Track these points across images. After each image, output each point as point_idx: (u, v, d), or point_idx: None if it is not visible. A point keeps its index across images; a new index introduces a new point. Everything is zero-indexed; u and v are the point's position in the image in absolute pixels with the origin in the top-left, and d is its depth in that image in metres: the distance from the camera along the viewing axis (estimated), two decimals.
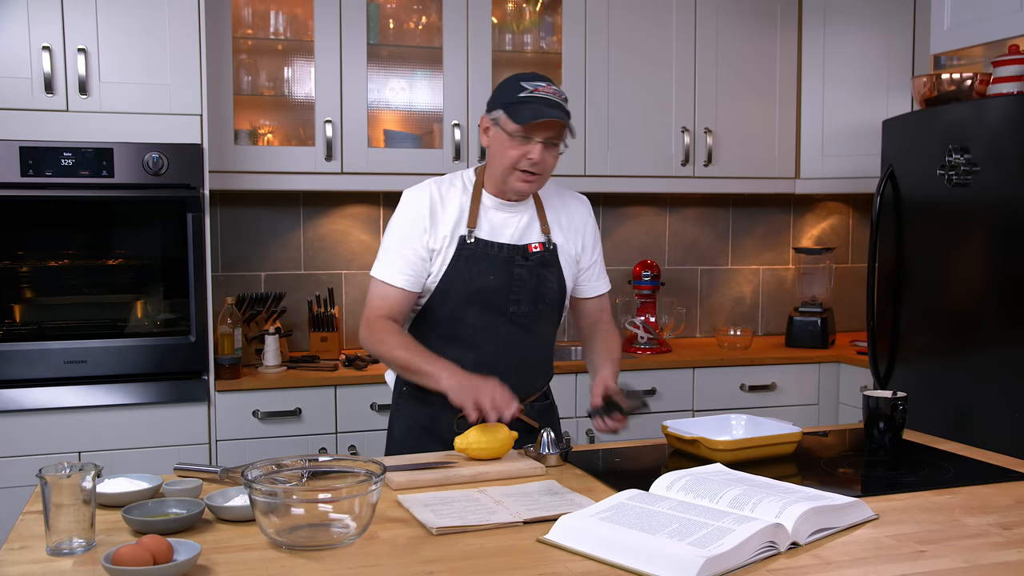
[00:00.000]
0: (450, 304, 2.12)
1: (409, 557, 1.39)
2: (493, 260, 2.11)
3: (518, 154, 2.04)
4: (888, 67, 3.76)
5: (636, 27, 3.66)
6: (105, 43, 2.90)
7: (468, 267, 2.10)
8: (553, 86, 2.06)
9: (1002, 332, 2.73)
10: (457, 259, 2.10)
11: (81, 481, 1.39)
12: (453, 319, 2.13)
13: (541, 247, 2.16)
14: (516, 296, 2.13)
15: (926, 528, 1.53)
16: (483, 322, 2.12)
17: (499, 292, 2.11)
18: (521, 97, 2.03)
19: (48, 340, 2.90)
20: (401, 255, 2.10)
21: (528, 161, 2.04)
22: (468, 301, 2.11)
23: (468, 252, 2.10)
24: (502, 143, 2.06)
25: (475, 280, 2.10)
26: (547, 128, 2.02)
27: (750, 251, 4.27)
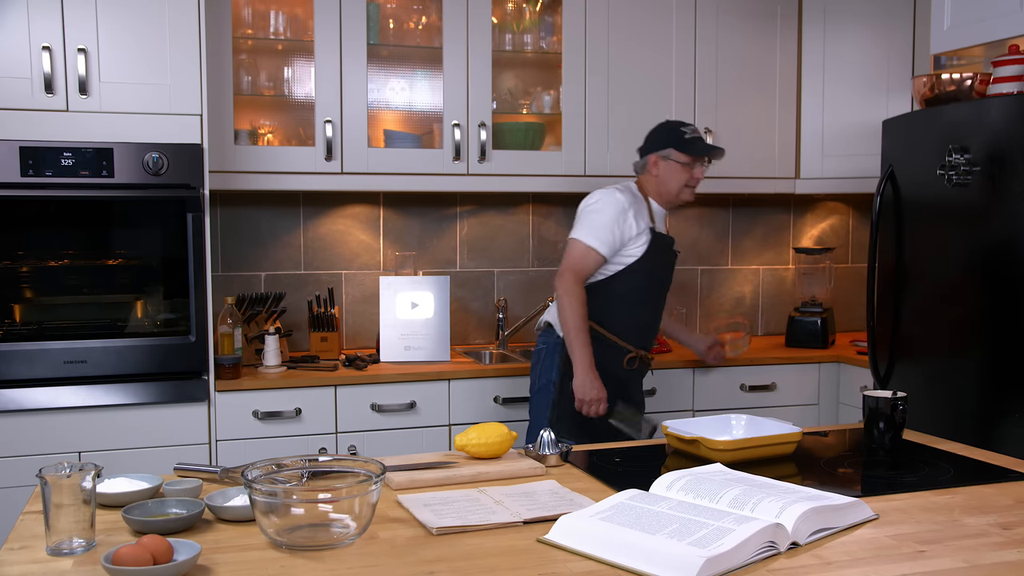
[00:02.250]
0: (640, 275, 2.93)
1: (409, 557, 1.39)
2: (665, 247, 3.01)
3: (688, 176, 2.96)
4: (888, 67, 3.76)
5: (636, 27, 3.66)
6: (105, 43, 2.90)
7: (657, 253, 2.96)
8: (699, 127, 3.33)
9: (1002, 332, 2.73)
10: (651, 246, 2.93)
11: (81, 481, 1.39)
12: (637, 286, 2.94)
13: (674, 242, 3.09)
14: (669, 274, 3.09)
15: (926, 528, 1.53)
16: (656, 290, 3.03)
17: (667, 270, 3.06)
18: (688, 138, 2.95)
19: (48, 340, 2.90)
20: (612, 232, 2.88)
21: (695, 180, 2.97)
22: (651, 275, 2.97)
23: (658, 239, 2.96)
24: (675, 171, 2.96)
25: (659, 262, 2.98)
26: (709, 157, 2.99)
27: (750, 251, 4.27)
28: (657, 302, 3.06)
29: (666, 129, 3.01)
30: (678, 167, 2.94)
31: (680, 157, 2.93)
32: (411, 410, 3.23)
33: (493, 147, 3.53)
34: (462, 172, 3.50)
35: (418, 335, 3.45)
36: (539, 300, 3.92)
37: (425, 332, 3.45)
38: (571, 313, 2.84)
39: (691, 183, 2.97)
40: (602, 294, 2.93)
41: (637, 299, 2.96)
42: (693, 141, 2.95)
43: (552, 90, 3.74)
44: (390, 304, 3.46)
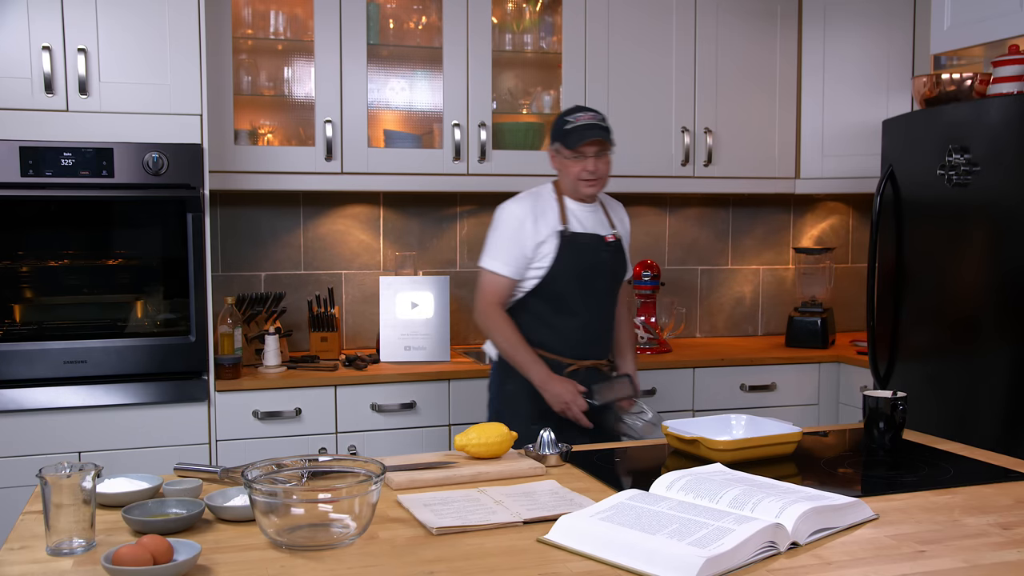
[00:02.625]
0: (559, 283, 2.72)
1: (409, 557, 1.39)
2: (585, 247, 2.75)
3: (579, 168, 2.70)
4: (888, 67, 3.76)
5: (636, 27, 3.66)
6: (105, 43, 2.90)
7: (570, 254, 2.72)
8: (591, 112, 2.73)
9: (1002, 332, 2.73)
10: (561, 248, 2.71)
11: (81, 481, 1.39)
12: (562, 295, 2.73)
13: (614, 237, 2.82)
14: (600, 273, 2.78)
15: (926, 528, 1.53)
16: (584, 294, 2.75)
17: (593, 272, 2.77)
18: (567, 129, 2.70)
19: (48, 340, 2.90)
20: (510, 252, 2.72)
21: (586, 172, 2.70)
22: (570, 281, 2.73)
23: (567, 242, 2.72)
24: (565, 164, 2.73)
25: (577, 263, 2.73)
26: (593, 145, 2.68)
27: (750, 251, 4.27)
28: (594, 306, 2.79)
29: (555, 120, 2.79)
30: (567, 161, 2.73)
31: (564, 150, 2.73)
32: (411, 410, 3.23)
33: (493, 147, 3.53)
34: (462, 172, 3.50)
35: (418, 335, 3.45)
36: None
37: (425, 332, 3.45)
38: (500, 338, 2.73)
39: (584, 176, 2.72)
40: (526, 311, 2.77)
41: (563, 308, 2.75)
42: (570, 132, 2.70)
43: (552, 90, 3.74)
44: (390, 304, 3.46)
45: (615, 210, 2.92)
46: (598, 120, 2.72)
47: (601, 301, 2.81)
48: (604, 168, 2.74)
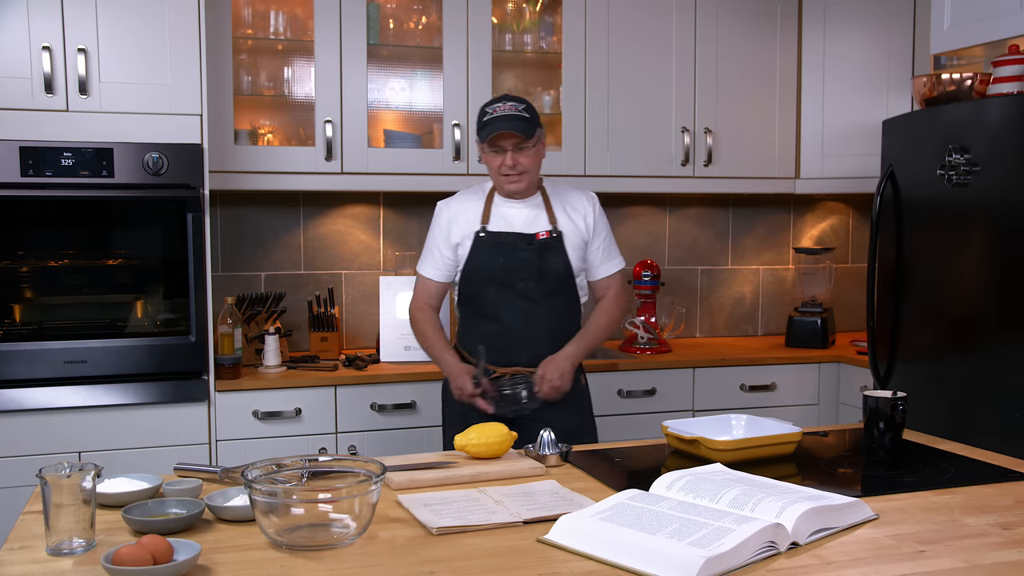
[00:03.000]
0: (474, 286, 2.64)
1: (409, 557, 1.39)
2: (501, 247, 2.60)
3: (497, 163, 2.56)
4: (888, 67, 3.76)
5: (636, 27, 3.66)
6: (105, 43, 2.90)
7: (483, 255, 2.61)
8: (511, 102, 2.56)
9: (1002, 332, 2.73)
10: (475, 250, 2.62)
11: (81, 481, 1.39)
12: (478, 298, 2.64)
13: (547, 234, 2.62)
14: (523, 275, 2.60)
15: (926, 528, 1.53)
16: (500, 298, 2.61)
17: (509, 273, 2.60)
18: (484, 121, 2.55)
19: (48, 340, 2.90)
20: (432, 254, 2.69)
21: (505, 167, 2.55)
22: (487, 282, 2.62)
23: (483, 243, 2.61)
24: (486, 159, 2.60)
25: (489, 264, 2.60)
26: (509, 137, 2.52)
27: (750, 251, 4.27)
28: (516, 309, 2.61)
29: (479, 112, 2.61)
30: (487, 156, 2.59)
31: (481, 144, 2.60)
32: (411, 410, 3.23)
33: None
34: (462, 172, 3.50)
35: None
36: None
37: None
38: (417, 335, 2.72)
39: (504, 171, 2.55)
40: (459, 315, 2.75)
41: (480, 311, 2.65)
42: (484, 125, 2.55)
43: (552, 90, 3.74)
44: (390, 304, 3.46)
45: (569, 203, 2.70)
46: (517, 111, 2.54)
47: (525, 304, 2.61)
48: (527, 162, 2.55)
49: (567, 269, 2.65)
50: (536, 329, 2.63)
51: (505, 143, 2.52)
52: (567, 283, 2.66)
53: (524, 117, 2.53)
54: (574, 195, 2.72)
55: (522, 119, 2.52)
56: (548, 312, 2.64)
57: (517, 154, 2.54)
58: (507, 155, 2.53)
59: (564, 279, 2.65)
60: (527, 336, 2.62)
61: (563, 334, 2.65)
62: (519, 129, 2.50)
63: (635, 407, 3.47)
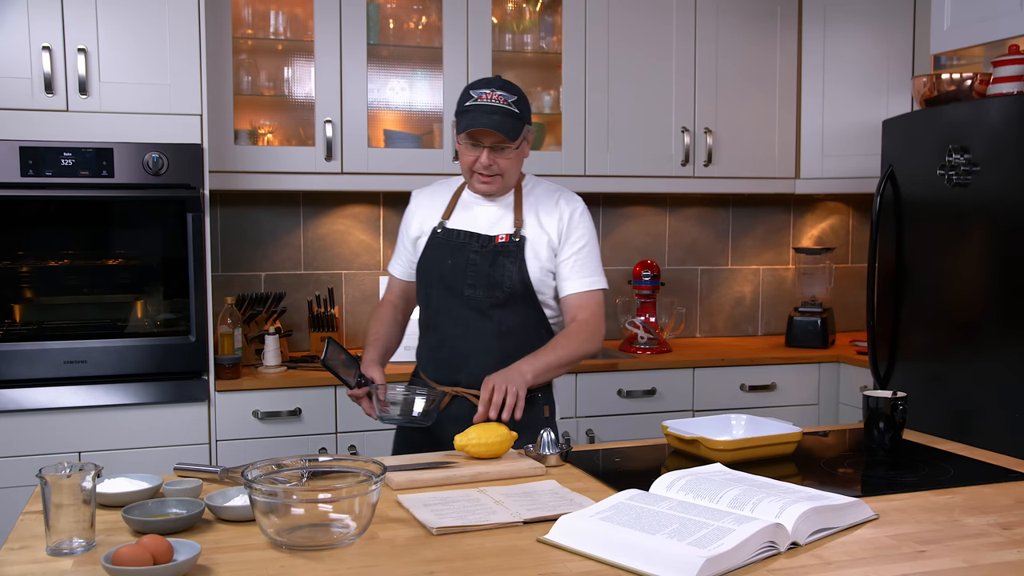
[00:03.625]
0: (421, 288, 2.33)
1: (409, 557, 1.39)
2: (453, 246, 2.26)
3: (470, 159, 2.20)
4: (888, 67, 3.76)
5: (636, 27, 3.66)
6: (105, 43, 2.90)
7: (434, 253, 2.28)
8: (501, 91, 2.16)
9: (1002, 332, 2.73)
10: (428, 247, 2.30)
11: (81, 481, 1.39)
12: (424, 303, 2.34)
13: (507, 238, 2.24)
14: (471, 281, 2.23)
15: (926, 528, 1.53)
16: (444, 305, 2.27)
17: (456, 277, 2.24)
18: (466, 106, 2.16)
19: (48, 340, 2.90)
20: (398, 251, 2.44)
21: (480, 165, 2.19)
22: (432, 285, 2.29)
23: (436, 240, 2.29)
24: (459, 149, 2.23)
25: (437, 265, 2.27)
26: (490, 134, 2.14)
27: (750, 251, 4.27)
28: (458, 320, 2.25)
29: (463, 89, 2.23)
30: (461, 147, 2.21)
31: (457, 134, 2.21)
32: None
33: None
34: None
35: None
36: None
37: None
38: None
39: (477, 169, 2.19)
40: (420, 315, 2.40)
41: (425, 320, 2.34)
42: (466, 113, 2.16)
43: (552, 90, 3.74)
44: None
45: (544, 206, 2.29)
46: (505, 103, 2.14)
47: (470, 315, 2.23)
48: (505, 164, 2.18)
49: (523, 280, 2.22)
50: (480, 345, 2.23)
51: (484, 139, 2.15)
52: (524, 296, 2.23)
53: (512, 113, 2.14)
54: (553, 198, 2.30)
55: (509, 115, 2.14)
56: (496, 327, 2.23)
57: (495, 154, 2.16)
58: (483, 153, 2.16)
59: (519, 291, 2.22)
60: (469, 352, 2.23)
61: (516, 356, 2.19)
62: (502, 129, 2.12)
63: (635, 407, 3.47)
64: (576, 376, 3.39)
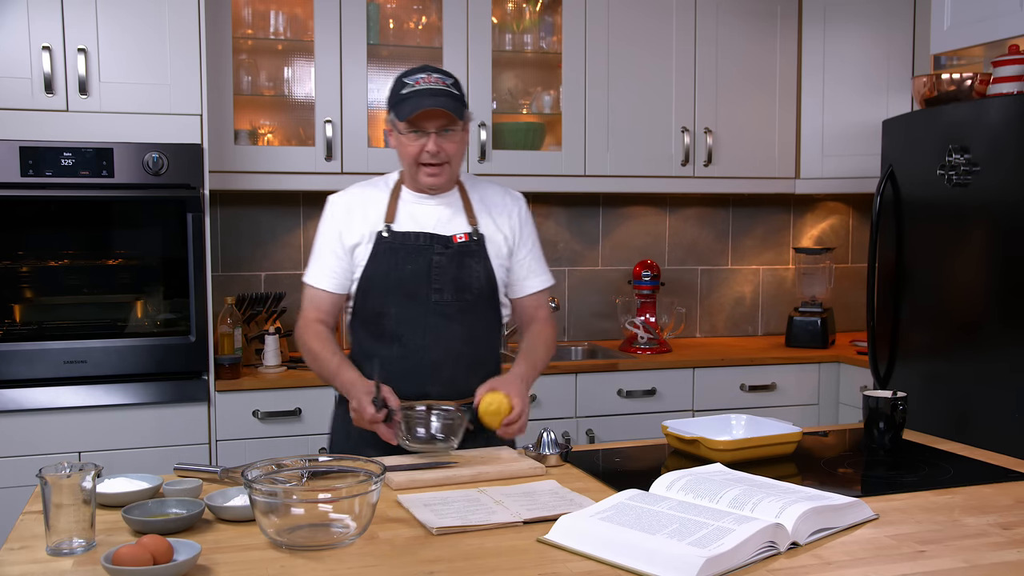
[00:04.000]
0: (374, 299, 2.13)
1: (409, 557, 1.39)
2: (411, 249, 2.11)
3: (416, 150, 2.07)
4: (888, 67, 3.76)
5: (636, 27, 3.66)
6: (105, 43, 2.90)
7: (386, 259, 2.11)
8: (437, 74, 2.08)
9: (1002, 332, 2.73)
10: (376, 253, 2.12)
11: (81, 481, 1.39)
12: (377, 314, 2.13)
13: (467, 237, 2.15)
14: (437, 285, 2.11)
15: (926, 528, 1.53)
16: (406, 314, 2.10)
17: (419, 282, 2.10)
18: (403, 94, 2.07)
19: (48, 340, 2.90)
20: (323, 259, 2.17)
21: (427, 154, 2.07)
22: (390, 293, 2.11)
23: (386, 245, 2.11)
24: (400, 142, 2.10)
25: (394, 271, 2.10)
26: (435, 117, 2.04)
27: (750, 251, 4.27)
28: (424, 328, 2.10)
29: (393, 83, 2.12)
30: (402, 138, 2.09)
31: (398, 123, 2.08)
32: None
33: (493, 147, 3.53)
34: None
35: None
36: None
37: None
38: (306, 354, 2.13)
39: (424, 159, 2.07)
40: (354, 337, 2.21)
41: (381, 332, 2.13)
42: (406, 99, 2.05)
43: (552, 90, 3.74)
44: None
45: (492, 202, 2.23)
46: (445, 84, 2.07)
47: (437, 322, 2.11)
48: (452, 149, 2.08)
49: (490, 280, 2.16)
50: (451, 353, 2.12)
51: (429, 125, 2.04)
52: (490, 298, 2.17)
53: (454, 94, 2.07)
54: (498, 194, 2.26)
55: (451, 96, 2.05)
56: (466, 332, 2.13)
57: (442, 139, 2.06)
58: (430, 139, 2.05)
59: (486, 293, 2.15)
60: (439, 361, 2.10)
61: (484, 361, 2.17)
62: (449, 107, 2.02)
63: (635, 407, 3.47)
64: (576, 376, 3.39)
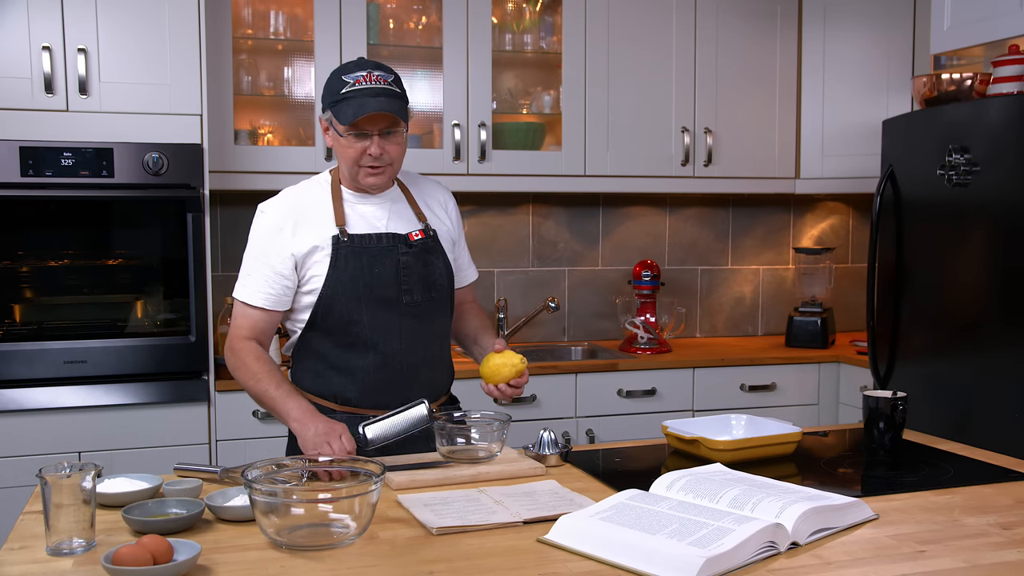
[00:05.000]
0: (340, 308, 2.00)
1: (409, 557, 1.39)
2: (374, 252, 2.02)
3: (357, 152, 1.98)
4: (888, 67, 3.76)
5: (636, 27, 3.66)
6: (105, 43, 2.90)
7: (350, 265, 2.00)
8: (378, 71, 1.98)
9: (1002, 332, 2.73)
10: (336, 259, 1.99)
11: (81, 481, 1.39)
12: (346, 323, 2.01)
13: (423, 234, 2.09)
14: (407, 285, 2.04)
15: (926, 528, 1.53)
16: (379, 320, 2.01)
17: (388, 285, 2.02)
18: (344, 93, 1.95)
19: (48, 340, 2.90)
20: (260, 274, 2.01)
21: (369, 157, 1.98)
22: (358, 300, 2.00)
23: (346, 249, 2.00)
24: (339, 143, 2.00)
25: (361, 276, 2.00)
26: (378, 120, 1.96)
27: (750, 251, 4.27)
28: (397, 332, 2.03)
29: (329, 79, 2.02)
30: (342, 140, 1.99)
31: (337, 125, 1.98)
32: None
33: (493, 147, 3.53)
34: (462, 172, 3.50)
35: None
36: (539, 300, 3.92)
37: None
38: (244, 379, 1.99)
39: (366, 162, 1.99)
40: (309, 353, 2.07)
41: (350, 342, 2.03)
42: (347, 101, 1.95)
43: (552, 90, 3.74)
44: None
45: (428, 193, 2.19)
46: (386, 83, 1.97)
47: (411, 324, 2.05)
48: (395, 151, 2.01)
49: (449, 276, 2.13)
50: (427, 355, 2.08)
51: (371, 127, 1.95)
52: (450, 294, 2.15)
53: (396, 93, 1.98)
54: (430, 186, 2.23)
55: (394, 95, 1.97)
56: (440, 331, 2.12)
57: (384, 141, 1.97)
58: (372, 142, 1.96)
59: (447, 289, 2.13)
60: (416, 364, 2.06)
61: (448, 360, 2.18)
62: (395, 109, 1.94)
63: (635, 407, 3.47)
64: (576, 376, 3.39)
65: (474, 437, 1.93)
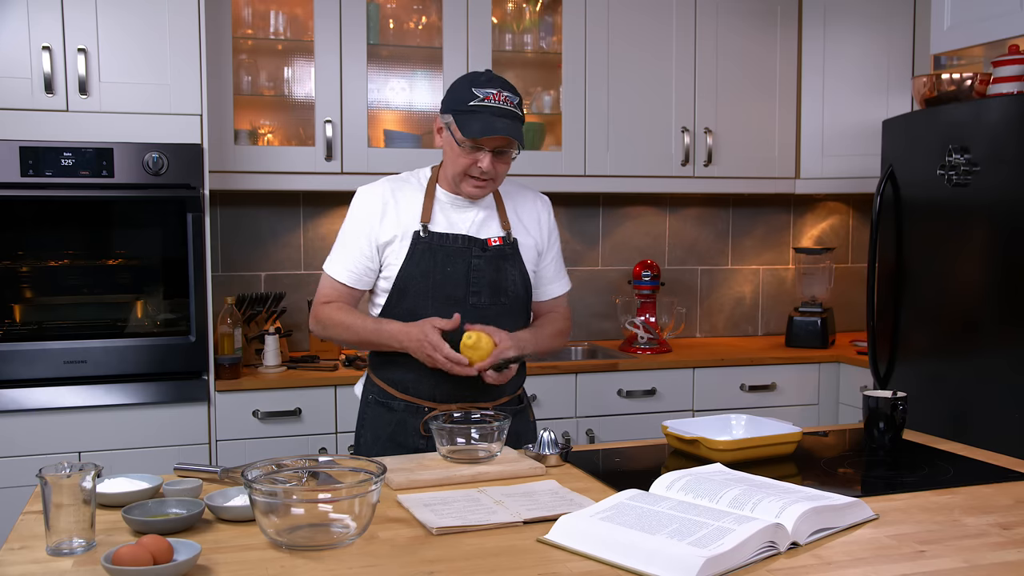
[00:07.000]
0: (409, 300, 2.11)
1: (409, 557, 1.39)
2: (449, 252, 2.10)
3: (468, 162, 2.06)
4: (888, 67, 3.76)
5: (636, 27, 3.66)
6: (105, 43, 2.90)
7: (424, 260, 2.09)
8: (506, 92, 2.05)
9: (1002, 332, 2.73)
10: (413, 253, 2.10)
11: (81, 481, 1.39)
12: (413, 314, 2.09)
13: (501, 241, 2.16)
14: (475, 288, 2.11)
15: (926, 528, 1.53)
16: (443, 316, 2.05)
17: (458, 284, 2.10)
18: (472, 106, 2.02)
19: (48, 340, 2.90)
20: (347, 252, 2.15)
21: (478, 169, 2.06)
22: (427, 295, 2.10)
23: (423, 246, 2.10)
24: (453, 149, 2.08)
25: (432, 273, 2.09)
26: (497, 139, 2.03)
27: (750, 251, 4.27)
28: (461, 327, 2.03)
29: (457, 86, 2.08)
30: (457, 148, 2.06)
31: (457, 134, 2.05)
32: None
33: None
34: None
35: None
36: None
37: None
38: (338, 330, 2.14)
39: (474, 172, 2.06)
40: None
41: None
42: (474, 116, 2.01)
43: (552, 90, 3.74)
44: None
45: (522, 204, 2.25)
46: (513, 106, 2.04)
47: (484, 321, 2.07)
48: (502, 169, 2.09)
49: (525, 284, 2.19)
50: None
51: (488, 143, 2.04)
52: (524, 302, 2.20)
53: (519, 116, 2.07)
54: (527, 197, 2.28)
55: (517, 118, 2.05)
56: None
57: (496, 158, 2.06)
58: (485, 158, 2.04)
59: (522, 297, 2.19)
60: None
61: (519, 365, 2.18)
62: (517, 135, 2.03)
63: (635, 407, 3.47)
64: (576, 376, 3.39)
65: (474, 437, 1.94)
